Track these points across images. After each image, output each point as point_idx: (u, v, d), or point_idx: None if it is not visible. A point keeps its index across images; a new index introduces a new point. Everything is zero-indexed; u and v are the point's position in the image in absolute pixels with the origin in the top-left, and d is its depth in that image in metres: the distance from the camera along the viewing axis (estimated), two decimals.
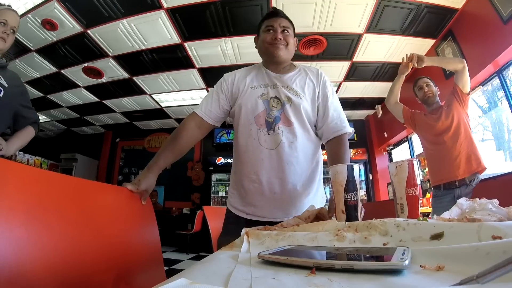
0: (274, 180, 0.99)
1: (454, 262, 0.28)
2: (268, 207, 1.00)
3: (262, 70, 1.12)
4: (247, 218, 1.02)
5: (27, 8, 2.97)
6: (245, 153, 1.04)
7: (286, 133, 1.01)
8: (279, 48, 1.04)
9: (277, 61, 1.07)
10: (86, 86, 4.71)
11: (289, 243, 0.48)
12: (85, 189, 0.68)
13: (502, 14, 2.47)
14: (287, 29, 1.06)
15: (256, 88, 1.07)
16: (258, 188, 1.00)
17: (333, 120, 1.04)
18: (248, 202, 1.03)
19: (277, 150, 1.00)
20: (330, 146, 1.04)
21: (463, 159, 1.83)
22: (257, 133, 1.02)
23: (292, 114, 1.02)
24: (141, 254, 0.81)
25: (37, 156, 6.03)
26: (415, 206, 0.67)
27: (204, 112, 1.08)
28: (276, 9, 1.12)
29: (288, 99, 1.03)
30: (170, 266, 3.87)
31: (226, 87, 1.10)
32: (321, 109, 1.06)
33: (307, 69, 1.12)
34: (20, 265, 0.46)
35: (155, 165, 0.97)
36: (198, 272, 0.35)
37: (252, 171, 1.01)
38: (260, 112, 1.03)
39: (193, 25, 3.29)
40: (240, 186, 1.05)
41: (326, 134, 1.05)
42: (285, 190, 0.99)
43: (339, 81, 4.54)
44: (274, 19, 1.07)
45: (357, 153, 6.04)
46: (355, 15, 3.09)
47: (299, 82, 1.07)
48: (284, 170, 0.99)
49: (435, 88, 2.08)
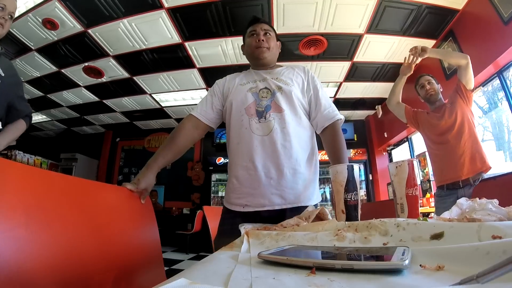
0: (270, 165, 0.99)
1: (454, 262, 0.28)
2: (265, 194, 0.98)
3: (251, 71, 1.20)
4: (243, 212, 1.00)
5: (27, 7, 2.97)
6: (238, 144, 1.05)
7: (278, 119, 1.03)
8: (263, 51, 1.13)
9: (263, 63, 1.16)
10: (87, 85, 4.71)
11: (289, 243, 0.48)
12: (85, 189, 0.68)
13: (503, 15, 2.47)
14: (268, 32, 1.16)
15: (245, 84, 1.13)
16: (254, 175, 1.00)
17: (326, 108, 1.09)
18: (244, 192, 1.01)
19: (270, 135, 1.01)
20: (326, 135, 1.08)
21: (467, 158, 1.79)
22: (248, 122, 1.04)
23: (283, 101, 1.05)
24: (141, 254, 0.81)
25: (37, 156, 6.03)
26: (415, 206, 0.67)
27: (200, 113, 1.13)
28: (256, 17, 1.21)
29: (278, 88, 1.08)
30: (170, 266, 3.88)
31: (218, 89, 1.17)
32: (313, 100, 1.11)
33: (294, 66, 1.20)
34: (20, 265, 0.46)
35: (154, 163, 0.98)
36: (198, 272, 0.35)
37: (247, 159, 1.01)
38: (250, 103, 1.07)
39: (193, 25, 3.29)
40: (235, 178, 1.04)
41: (321, 122, 1.08)
42: (281, 175, 0.99)
43: (339, 81, 4.54)
44: (256, 25, 1.16)
45: (357, 153, 6.03)
46: (355, 16, 3.09)
47: (287, 74, 1.14)
48: (278, 156, 0.99)
49: (437, 86, 2.04)
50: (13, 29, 3.28)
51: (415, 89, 2.14)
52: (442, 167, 1.92)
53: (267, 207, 0.98)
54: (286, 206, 0.98)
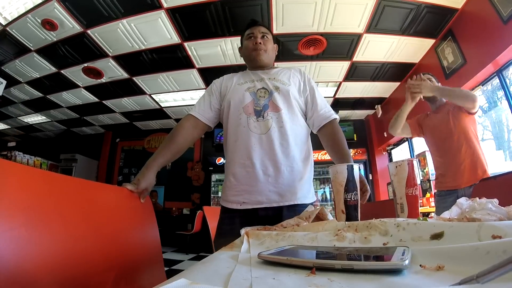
0: (268, 163, 1.01)
1: (454, 262, 0.28)
2: (263, 191, 0.99)
3: (248, 71, 1.22)
4: (241, 209, 1.00)
5: (27, 8, 2.97)
6: (236, 142, 1.06)
7: (275, 118, 1.04)
8: (260, 53, 1.16)
9: (260, 65, 1.18)
10: (86, 86, 4.71)
11: (289, 243, 0.48)
12: (85, 189, 0.68)
13: (502, 14, 2.47)
14: (266, 35, 1.18)
15: (242, 84, 1.14)
16: (252, 173, 1.00)
17: (322, 108, 1.11)
18: (241, 190, 1.02)
19: (268, 134, 1.02)
20: (325, 132, 1.09)
21: (468, 166, 1.76)
22: (246, 120, 1.05)
23: (281, 101, 1.07)
24: (141, 254, 0.81)
25: (37, 157, 6.03)
26: (415, 206, 0.67)
27: (199, 112, 1.14)
28: (255, 20, 1.24)
29: (276, 88, 1.10)
30: (170, 266, 3.87)
31: (216, 88, 1.19)
32: (309, 100, 1.13)
33: (290, 67, 1.22)
34: (20, 265, 0.46)
35: (154, 162, 0.98)
36: (198, 272, 0.35)
37: (245, 156, 1.02)
38: (248, 102, 1.08)
39: (193, 25, 3.29)
40: (232, 176, 1.04)
41: (318, 121, 1.10)
42: (278, 172, 1.00)
43: (339, 81, 4.54)
44: (254, 28, 1.19)
45: (357, 153, 6.04)
46: (355, 15, 3.09)
47: (284, 74, 1.16)
48: (276, 154, 1.01)
49: (437, 84, 1.99)
50: (12, 30, 3.28)
51: None
52: (443, 174, 1.90)
53: (264, 204, 0.99)
54: (283, 204, 0.99)
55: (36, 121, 6.26)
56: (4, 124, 6.46)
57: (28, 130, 6.86)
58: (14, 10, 3.00)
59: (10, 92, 4.79)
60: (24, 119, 6.17)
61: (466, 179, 1.76)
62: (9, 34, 3.34)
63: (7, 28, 3.24)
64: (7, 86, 4.39)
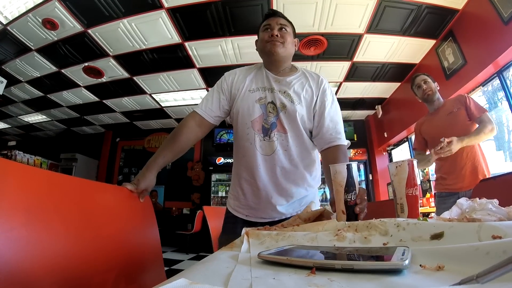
0: (270, 186, 1.01)
1: (454, 262, 0.28)
2: (265, 210, 1.03)
3: (262, 70, 1.10)
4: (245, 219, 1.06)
5: (27, 7, 2.97)
6: (244, 157, 1.05)
7: (281, 140, 1.01)
8: (276, 45, 1.02)
9: (275, 59, 1.05)
10: (86, 85, 4.71)
11: (289, 243, 0.48)
12: (85, 189, 0.68)
13: (503, 15, 2.47)
14: (284, 27, 1.06)
15: (254, 92, 1.06)
16: (257, 192, 1.03)
17: (328, 131, 1.00)
18: (246, 204, 1.06)
19: (272, 156, 1.01)
20: (325, 156, 1.01)
21: (469, 170, 1.75)
22: (254, 138, 1.03)
23: (286, 122, 1.01)
24: (141, 254, 0.81)
25: (37, 156, 6.04)
26: (415, 206, 0.67)
27: (205, 111, 1.08)
28: (273, 10, 1.12)
29: (282, 107, 1.01)
30: (170, 266, 3.87)
31: (226, 87, 1.10)
32: (316, 118, 1.03)
33: (308, 74, 1.09)
34: (20, 265, 0.46)
35: (154, 163, 0.97)
36: (198, 272, 0.35)
37: (250, 175, 1.03)
38: (257, 117, 1.03)
39: (193, 25, 3.29)
40: (239, 188, 1.08)
41: (320, 144, 1.03)
42: (281, 195, 1.02)
43: (339, 81, 4.53)
44: (271, 19, 1.07)
45: (357, 153, 6.04)
46: (355, 16, 3.09)
47: (297, 87, 1.05)
48: (278, 177, 1.01)
49: (434, 84, 1.98)
50: (13, 29, 3.28)
51: (412, 90, 2.08)
52: (444, 177, 1.89)
53: (267, 220, 1.03)
54: (286, 216, 1.02)
55: (36, 120, 6.26)
56: (4, 123, 6.47)
57: (28, 129, 6.87)
58: (15, 9, 3.00)
59: (10, 91, 4.79)
60: (24, 118, 6.17)
61: (467, 183, 1.75)
62: (9, 33, 3.34)
63: (7, 27, 3.24)
64: (7, 85, 4.39)
